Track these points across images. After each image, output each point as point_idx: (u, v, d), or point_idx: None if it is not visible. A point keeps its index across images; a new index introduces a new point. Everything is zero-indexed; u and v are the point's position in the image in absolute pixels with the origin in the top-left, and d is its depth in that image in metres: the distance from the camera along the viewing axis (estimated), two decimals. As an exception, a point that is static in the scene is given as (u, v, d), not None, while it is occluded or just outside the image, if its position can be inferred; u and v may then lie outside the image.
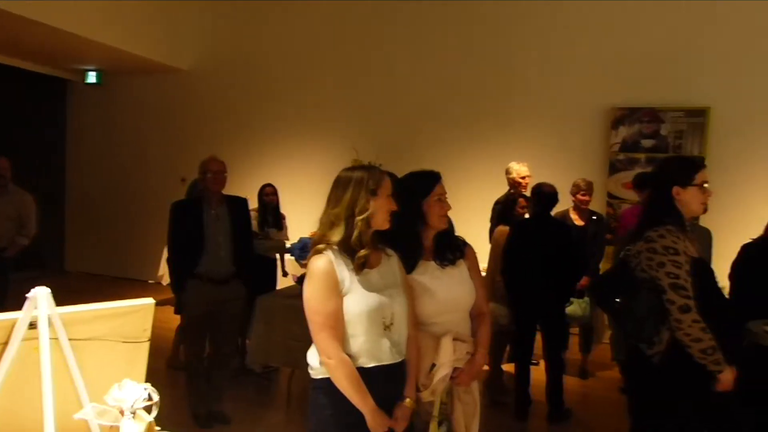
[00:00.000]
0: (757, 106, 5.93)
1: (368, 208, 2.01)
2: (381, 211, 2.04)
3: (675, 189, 2.41)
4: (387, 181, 2.06)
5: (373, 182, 2.03)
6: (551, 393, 4.29)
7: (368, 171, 2.07)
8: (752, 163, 5.85)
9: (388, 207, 2.05)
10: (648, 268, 2.38)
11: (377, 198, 2.03)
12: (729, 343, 2.37)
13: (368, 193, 2.02)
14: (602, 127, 6.38)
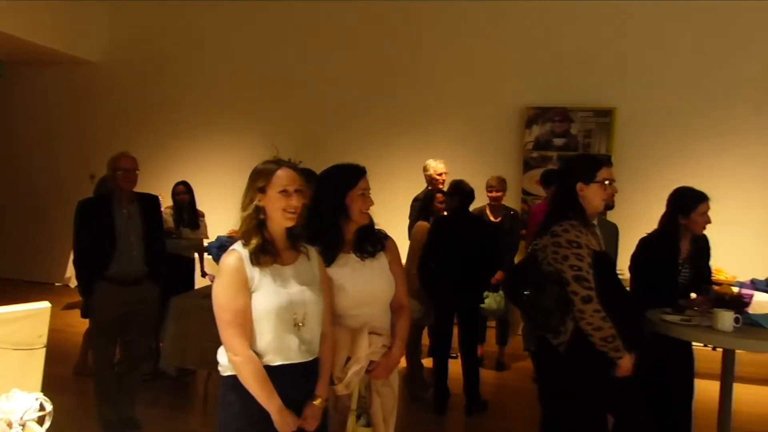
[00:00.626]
0: (659, 107, 6.33)
1: (256, 205, 2.02)
2: (271, 208, 2.04)
3: (579, 185, 2.52)
4: (279, 178, 2.03)
5: (263, 179, 2.03)
6: (468, 385, 4.39)
7: (263, 168, 2.07)
8: (655, 161, 6.21)
9: (283, 204, 2.03)
10: (553, 261, 2.48)
11: (266, 195, 2.03)
12: (629, 332, 2.51)
13: (256, 191, 2.03)
14: (516, 125, 6.61)
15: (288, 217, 2.04)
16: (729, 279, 5.29)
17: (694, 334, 2.53)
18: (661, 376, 3.04)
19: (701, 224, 3.06)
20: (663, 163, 6.15)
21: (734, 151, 6.21)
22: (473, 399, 4.38)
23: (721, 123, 6.27)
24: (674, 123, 6.33)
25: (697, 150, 6.26)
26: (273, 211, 2.04)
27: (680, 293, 3.14)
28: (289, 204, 2.02)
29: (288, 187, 2.02)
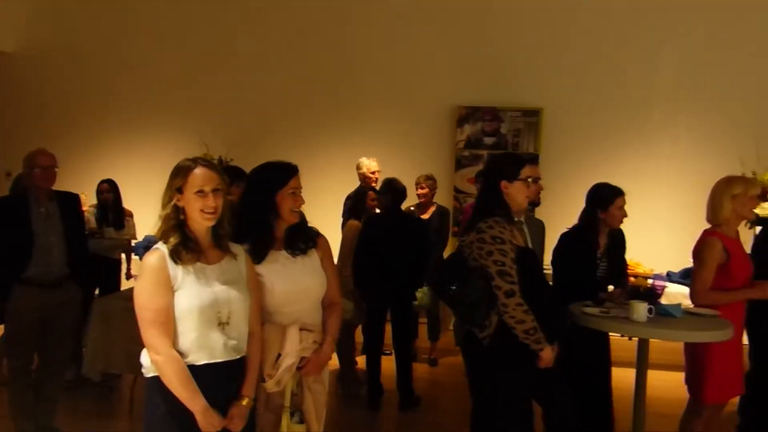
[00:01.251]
0: (583, 108, 6.59)
1: (175, 205, 2.00)
2: (189, 208, 2.01)
3: (503, 183, 2.60)
4: (195, 177, 2.00)
5: (180, 179, 2.01)
6: (401, 381, 4.44)
7: (180, 166, 2.04)
8: (579, 159, 6.46)
9: (199, 204, 2.00)
10: (479, 257, 2.55)
11: (183, 195, 2.00)
12: (551, 324, 2.61)
13: (174, 190, 2.01)
14: (448, 124, 6.73)
15: (206, 218, 2.01)
16: (646, 272, 5.57)
17: (612, 325, 2.66)
18: (583, 366, 3.18)
19: (618, 218, 3.20)
20: (587, 162, 6.40)
21: (651, 150, 6.55)
22: (406, 394, 4.43)
23: (640, 124, 6.60)
24: (597, 123, 6.61)
25: (617, 149, 6.56)
26: (191, 211, 2.02)
27: (599, 286, 3.28)
28: (206, 204, 2.00)
29: (204, 187, 2.00)
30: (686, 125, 6.53)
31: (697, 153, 6.35)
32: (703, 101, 6.51)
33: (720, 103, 6.47)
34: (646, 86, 6.59)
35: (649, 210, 6.26)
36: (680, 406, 3.32)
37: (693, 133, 6.51)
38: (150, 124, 7.29)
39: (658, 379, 4.28)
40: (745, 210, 3.08)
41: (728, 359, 3.05)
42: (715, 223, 3.13)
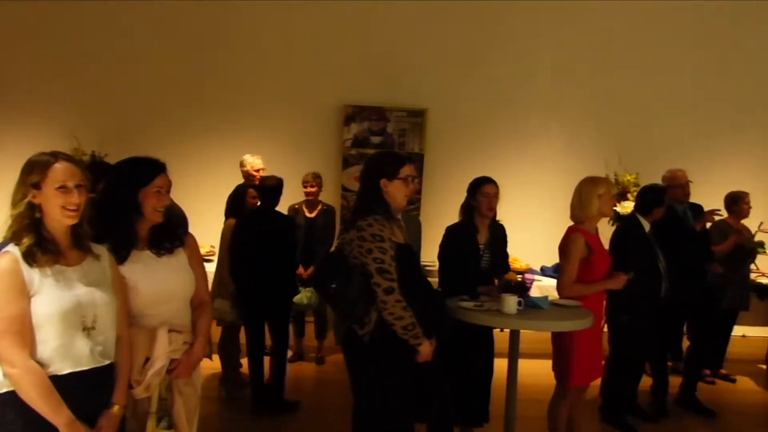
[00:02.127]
0: (465, 109, 6.85)
1: (30, 202, 1.86)
2: (49, 205, 1.88)
3: (382, 182, 2.63)
4: (56, 172, 1.87)
5: (37, 174, 1.87)
6: (272, 385, 4.35)
7: (36, 161, 1.90)
8: (462, 159, 6.68)
9: (61, 201, 1.88)
10: (358, 254, 2.57)
11: (41, 192, 1.87)
12: (429, 319, 2.67)
13: (29, 186, 1.87)
14: (335, 123, 6.74)
15: (68, 215, 1.88)
16: (523, 267, 5.90)
17: (484, 318, 2.78)
18: (466, 359, 3.30)
19: (484, 204, 3.35)
20: (469, 161, 6.63)
21: (529, 151, 6.93)
22: (276, 399, 4.33)
23: (519, 126, 6.96)
24: (479, 124, 6.89)
25: (498, 149, 6.87)
26: (51, 208, 1.87)
27: (484, 278, 3.42)
28: (68, 201, 1.87)
29: (67, 183, 1.87)
30: (560, 129, 6.98)
31: (569, 155, 6.79)
32: (575, 107, 6.98)
33: (588, 110, 6.97)
34: (524, 91, 6.96)
35: (526, 207, 6.63)
36: (550, 392, 3.54)
37: (566, 136, 6.97)
38: (15, 116, 6.68)
39: (532, 367, 4.55)
40: (607, 208, 3.33)
41: (589, 346, 3.29)
42: (580, 220, 3.36)
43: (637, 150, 6.55)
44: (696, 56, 7.01)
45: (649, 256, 4.10)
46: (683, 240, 4.44)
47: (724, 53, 7.02)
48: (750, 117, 7.08)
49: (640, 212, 4.18)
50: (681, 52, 6.99)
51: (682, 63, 7.00)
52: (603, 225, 3.95)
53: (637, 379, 4.44)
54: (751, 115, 7.09)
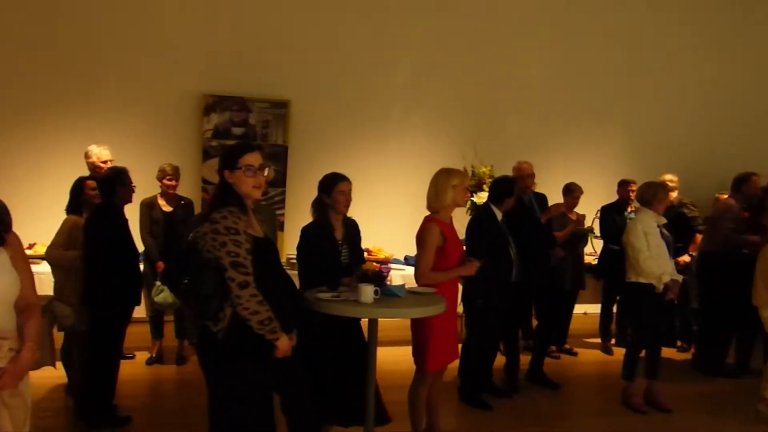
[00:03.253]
0: (331, 102, 6.86)
1: None
2: None
3: (225, 173, 2.55)
4: None
5: None
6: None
7: None
8: (326, 152, 6.69)
9: None
10: (212, 248, 2.47)
11: None
12: (288, 313, 2.64)
13: None
14: (194, 113, 6.45)
15: None
16: (387, 257, 6.04)
17: (342, 308, 2.79)
18: (335, 354, 3.28)
19: (342, 202, 3.33)
20: (333, 154, 6.65)
21: (391, 144, 7.09)
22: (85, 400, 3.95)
23: (381, 119, 7.09)
24: (342, 117, 6.94)
25: (361, 143, 6.97)
26: None
27: (344, 274, 3.42)
28: None
29: None
30: (421, 122, 7.20)
31: (430, 148, 7.03)
32: (435, 102, 7.25)
33: (448, 105, 7.27)
34: (386, 85, 7.10)
35: (390, 199, 6.80)
36: (411, 377, 3.65)
37: (427, 129, 7.21)
38: None
39: (396, 354, 4.67)
40: (460, 198, 3.48)
41: (444, 330, 3.44)
42: (435, 209, 3.48)
43: (492, 144, 6.94)
44: (544, 56, 7.55)
45: (501, 242, 4.36)
46: (530, 227, 4.77)
47: (570, 53, 7.63)
48: (592, 113, 7.77)
49: (493, 202, 4.43)
50: (531, 50, 7.50)
51: (532, 62, 7.51)
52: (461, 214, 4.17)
53: (492, 359, 4.72)
54: (593, 112, 7.77)
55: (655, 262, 4.31)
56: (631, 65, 7.89)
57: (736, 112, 8.28)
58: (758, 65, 8.39)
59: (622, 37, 7.84)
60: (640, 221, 4.45)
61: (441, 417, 3.81)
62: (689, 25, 8.08)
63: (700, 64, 8.15)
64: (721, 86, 8.24)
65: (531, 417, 4.40)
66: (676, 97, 8.10)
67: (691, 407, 4.68)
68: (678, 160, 7.64)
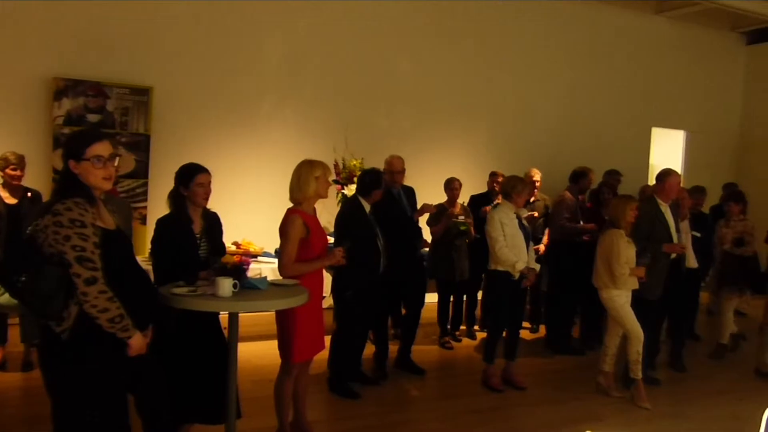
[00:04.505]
0: (197, 90, 6.61)
1: None
2: None
3: (71, 163, 2.39)
4: None
5: None
6: None
7: None
8: (193, 142, 6.44)
9: None
10: (54, 242, 2.30)
11: None
12: (141, 310, 2.52)
13: None
14: (43, 98, 5.94)
15: None
16: (257, 250, 5.94)
17: (198, 303, 2.71)
18: (195, 349, 3.17)
19: (201, 194, 3.21)
20: (199, 144, 6.43)
21: (262, 135, 6.96)
22: None
23: (251, 110, 6.94)
24: (210, 106, 6.71)
25: (230, 133, 6.79)
26: None
27: (203, 268, 3.31)
28: None
29: None
30: (291, 114, 7.13)
31: (302, 140, 6.99)
32: (305, 93, 7.20)
33: (320, 97, 7.26)
34: (257, 74, 6.95)
35: (259, 191, 6.69)
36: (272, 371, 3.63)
37: (297, 121, 7.15)
38: None
39: (264, 348, 4.63)
40: (323, 190, 3.50)
41: (310, 321, 3.45)
42: (299, 201, 3.48)
43: (363, 136, 7.05)
44: (414, 51, 7.77)
45: (369, 234, 4.45)
46: (398, 220, 4.91)
47: (440, 50, 7.91)
48: (461, 108, 8.11)
49: (361, 194, 4.50)
50: (402, 45, 7.69)
51: (403, 57, 7.70)
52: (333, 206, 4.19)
53: (361, 348, 4.80)
54: (462, 107, 8.12)
55: (511, 251, 4.61)
56: (497, 65, 8.35)
57: (587, 114, 9.05)
58: (607, 73, 9.21)
59: (490, 39, 8.27)
60: (498, 212, 4.73)
61: (308, 408, 3.84)
62: (551, 33, 8.71)
63: (561, 69, 8.81)
64: (576, 90, 8.97)
65: (397, 402, 4.55)
66: (539, 97, 8.69)
67: (542, 383, 5.07)
68: (539, 155, 8.23)
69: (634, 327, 4.56)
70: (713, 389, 5.13)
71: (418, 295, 5.21)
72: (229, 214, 6.03)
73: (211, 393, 3.15)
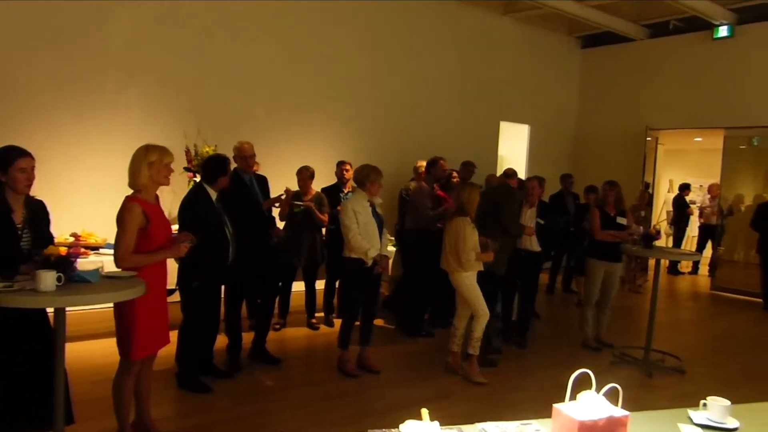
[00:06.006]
0: (29, 63, 5.99)
1: None
2: None
3: None
4: None
5: None
6: None
7: None
8: (25, 123, 5.86)
9: None
10: None
11: None
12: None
13: None
14: None
15: None
16: (99, 242, 5.54)
17: (14, 299, 2.45)
18: (17, 350, 2.89)
19: (21, 181, 2.91)
20: (32, 127, 5.87)
21: (105, 119, 6.48)
22: None
23: (92, 90, 6.42)
24: (42, 85, 6.11)
25: (69, 116, 6.25)
26: None
27: (25, 259, 3.01)
28: None
29: None
30: (138, 97, 6.70)
31: (149, 125, 6.60)
32: (154, 76, 6.79)
33: (168, 80, 6.88)
34: (98, 58, 6.43)
35: (104, 179, 6.22)
36: (113, 369, 3.42)
37: (144, 105, 6.74)
38: None
39: (104, 347, 4.34)
40: (161, 176, 3.31)
41: (151, 315, 3.28)
42: (137, 188, 3.28)
43: (216, 123, 6.81)
44: (269, 39, 7.61)
45: (216, 222, 4.30)
46: (248, 208, 4.81)
47: (295, 39, 7.81)
48: (317, 98, 8.08)
49: (206, 181, 4.34)
50: (255, 33, 7.49)
51: (256, 45, 7.52)
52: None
53: (212, 340, 4.65)
54: (318, 97, 8.09)
55: (364, 239, 4.69)
56: (354, 57, 8.42)
57: (442, 107, 9.44)
58: (460, 68, 9.65)
59: (347, 30, 8.31)
60: (351, 201, 4.79)
61: (154, 405, 3.66)
62: (407, 28, 8.94)
63: (416, 63, 9.08)
64: (431, 83, 9.30)
65: (251, 394, 4.46)
66: (396, 89, 8.90)
67: (395, 366, 5.23)
68: (396, 145, 8.45)
69: (483, 306, 4.84)
70: (548, 362, 5.60)
71: (271, 284, 5.14)
72: (66, 203, 5.62)
73: (41, 397, 2.89)
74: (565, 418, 1.75)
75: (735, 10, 9.43)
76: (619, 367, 5.52)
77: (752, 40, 9.36)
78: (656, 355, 5.65)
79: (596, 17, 9.84)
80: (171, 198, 6.14)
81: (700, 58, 10.00)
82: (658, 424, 2.09)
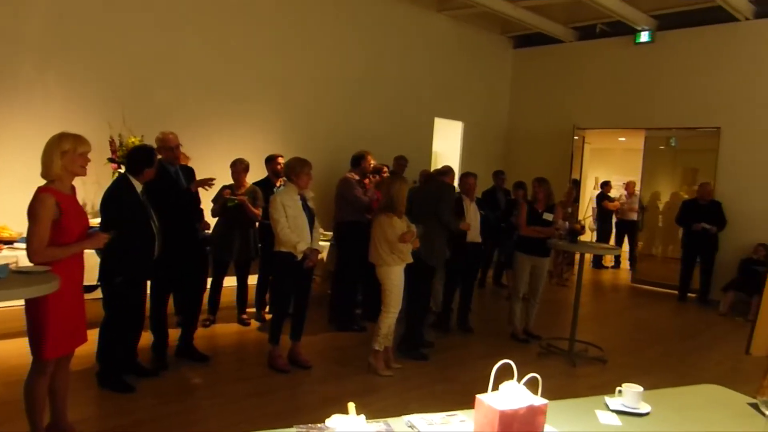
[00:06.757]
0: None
1: None
2: None
3: None
4: None
5: None
6: None
7: None
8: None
9: None
10: None
11: None
12: None
13: None
14: None
15: None
16: (12, 236, 5.24)
17: None
18: None
19: None
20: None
21: (20, 106, 6.11)
22: None
23: (7, 80, 6.04)
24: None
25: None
26: None
27: None
28: None
29: None
30: (57, 83, 6.35)
31: (70, 113, 6.27)
32: (75, 61, 6.46)
33: (89, 66, 6.55)
34: (13, 33, 6.05)
35: (19, 168, 5.87)
36: (27, 371, 3.23)
37: (65, 92, 6.39)
38: None
39: (17, 347, 4.11)
40: (75, 166, 3.15)
41: (66, 312, 3.12)
42: (49, 179, 3.12)
43: (142, 114, 6.55)
44: (203, 27, 7.38)
45: (142, 215, 4.14)
46: (175, 200, 4.65)
47: (229, 29, 7.62)
48: (248, 90, 7.90)
49: (131, 172, 4.17)
50: (185, 24, 7.25)
51: (188, 31, 7.27)
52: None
53: (135, 338, 4.48)
54: (250, 89, 7.92)
55: (293, 233, 4.63)
56: (286, 49, 8.28)
57: (378, 101, 9.44)
58: (396, 63, 9.68)
59: (283, 22, 8.18)
60: (280, 194, 4.72)
61: (72, 406, 3.49)
62: (344, 22, 8.88)
63: (352, 57, 9.04)
64: (368, 78, 9.28)
65: (177, 392, 4.33)
66: (332, 82, 8.83)
67: (326, 360, 5.20)
68: (331, 138, 8.39)
69: (397, 303, 4.86)
70: (477, 354, 5.72)
71: (198, 279, 5.01)
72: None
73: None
74: (487, 408, 1.78)
75: (656, 16, 9.87)
76: (545, 358, 5.70)
77: (670, 45, 9.83)
78: (580, 345, 5.86)
79: (528, 18, 10.08)
80: (95, 189, 5.89)
81: (623, 62, 10.42)
82: (577, 411, 2.15)
